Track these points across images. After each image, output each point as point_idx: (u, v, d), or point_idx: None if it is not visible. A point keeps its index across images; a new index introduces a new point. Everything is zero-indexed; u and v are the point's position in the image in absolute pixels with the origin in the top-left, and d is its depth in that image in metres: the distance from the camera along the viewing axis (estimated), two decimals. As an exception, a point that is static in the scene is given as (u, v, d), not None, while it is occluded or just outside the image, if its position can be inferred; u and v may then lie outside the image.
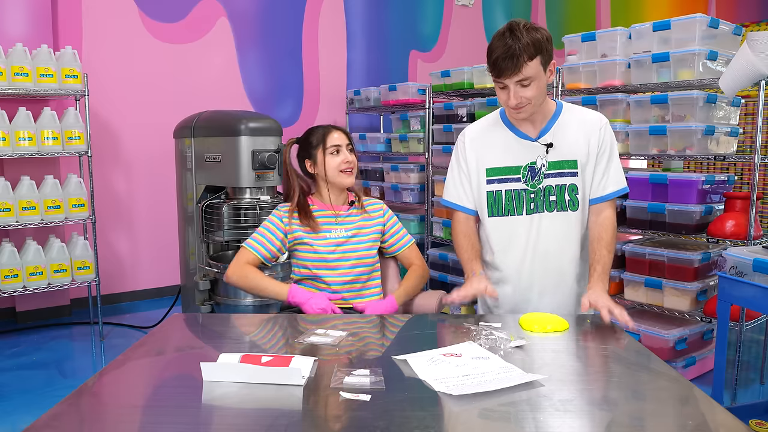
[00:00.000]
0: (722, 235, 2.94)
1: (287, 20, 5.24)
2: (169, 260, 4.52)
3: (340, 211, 2.08)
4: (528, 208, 1.85)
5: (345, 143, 2.05)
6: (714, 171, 5.71)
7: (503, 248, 1.90)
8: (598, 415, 1.19)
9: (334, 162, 2.02)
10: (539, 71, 1.71)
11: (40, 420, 1.14)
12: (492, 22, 6.61)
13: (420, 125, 4.72)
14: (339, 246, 2.02)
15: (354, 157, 2.06)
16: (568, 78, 3.64)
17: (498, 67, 1.69)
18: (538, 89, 1.73)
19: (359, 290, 2.06)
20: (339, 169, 2.02)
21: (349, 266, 2.03)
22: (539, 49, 1.68)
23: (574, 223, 1.86)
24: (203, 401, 1.25)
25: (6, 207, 3.46)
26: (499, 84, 1.74)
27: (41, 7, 3.99)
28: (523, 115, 1.79)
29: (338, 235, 2.04)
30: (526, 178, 1.84)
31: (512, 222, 1.87)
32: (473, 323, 1.69)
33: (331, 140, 2.04)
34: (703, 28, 3.04)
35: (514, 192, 1.85)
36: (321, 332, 1.62)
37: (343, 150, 2.03)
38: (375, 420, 1.14)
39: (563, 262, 1.88)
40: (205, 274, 3.18)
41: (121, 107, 4.49)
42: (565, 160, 1.83)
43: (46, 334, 3.91)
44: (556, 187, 1.84)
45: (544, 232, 1.85)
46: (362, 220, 2.09)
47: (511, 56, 1.65)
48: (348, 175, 2.03)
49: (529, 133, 1.85)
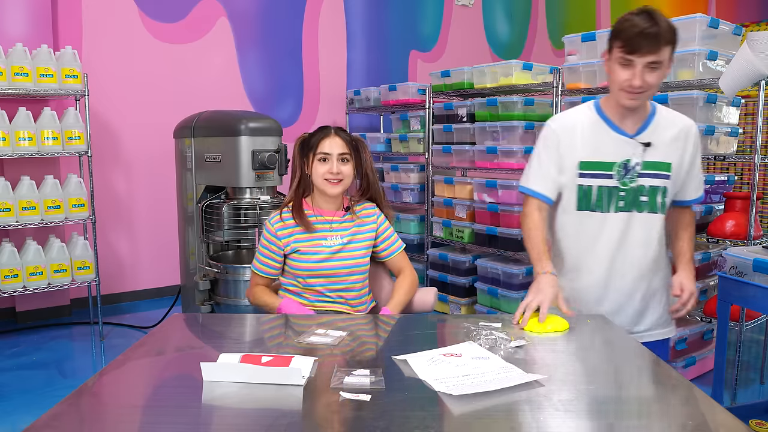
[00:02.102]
0: (722, 235, 2.94)
1: (287, 20, 5.24)
2: (169, 260, 4.52)
3: (334, 217, 2.05)
4: (617, 205, 1.82)
5: (337, 152, 1.96)
6: (714, 171, 5.71)
7: (588, 244, 1.86)
8: (598, 415, 1.19)
9: (321, 170, 1.97)
10: (667, 60, 1.70)
11: (40, 420, 1.13)
12: (492, 22, 6.61)
13: (420, 125, 4.72)
14: (334, 254, 2.00)
15: (347, 168, 1.98)
16: (568, 78, 3.64)
17: (635, 43, 1.64)
18: (660, 77, 1.71)
19: (353, 298, 2.05)
20: (323, 177, 1.97)
21: (344, 274, 2.01)
22: (674, 38, 1.68)
23: (659, 225, 1.85)
24: (203, 401, 1.25)
25: (6, 207, 3.46)
26: (625, 61, 1.68)
27: (41, 7, 3.99)
28: (637, 102, 1.73)
29: (333, 243, 2.01)
30: (619, 175, 1.80)
31: (601, 219, 1.83)
32: (473, 323, 1.69)
33: (322, 147, 1.97)
34: (703, 28, 3.04)
35: (605, 189, 1.82)
36: (321, 332, 1.62)
37: (332, 159, 1.96)
38: (375, 420, 1.14)
39: (646, 261, 1.86)
40: (205, 274, 3.18)
41: (121, 107, 4.49)
42: (661, 161, 1.80)
43: (46, 334, 3.91)
44: (649, 188, 1.81)
45: (632, 232, 1.82)
46: (356, 226, 2.06)
47: (654, 35, 1.63)
48: (333, 185, 1.98)
49: (627, 130, 1.81)
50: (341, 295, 2.03)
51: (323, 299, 2.02)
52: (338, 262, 2.00)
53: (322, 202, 2.04)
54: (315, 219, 2.03)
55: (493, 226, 4.12)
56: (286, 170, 3.13)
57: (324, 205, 2.05)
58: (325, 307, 2.01)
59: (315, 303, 2.02)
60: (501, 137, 4.06)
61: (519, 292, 4.07)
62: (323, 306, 2.02)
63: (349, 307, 2.04)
